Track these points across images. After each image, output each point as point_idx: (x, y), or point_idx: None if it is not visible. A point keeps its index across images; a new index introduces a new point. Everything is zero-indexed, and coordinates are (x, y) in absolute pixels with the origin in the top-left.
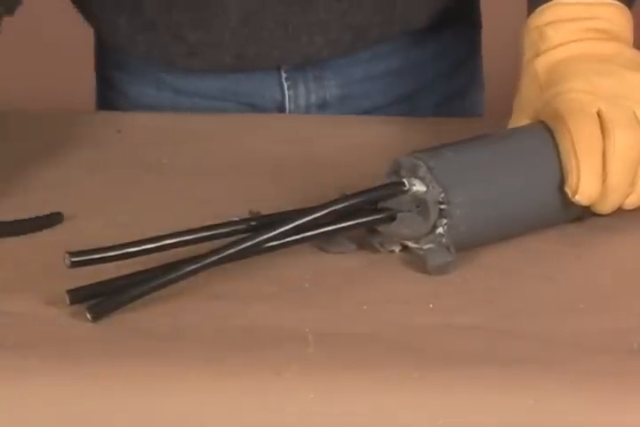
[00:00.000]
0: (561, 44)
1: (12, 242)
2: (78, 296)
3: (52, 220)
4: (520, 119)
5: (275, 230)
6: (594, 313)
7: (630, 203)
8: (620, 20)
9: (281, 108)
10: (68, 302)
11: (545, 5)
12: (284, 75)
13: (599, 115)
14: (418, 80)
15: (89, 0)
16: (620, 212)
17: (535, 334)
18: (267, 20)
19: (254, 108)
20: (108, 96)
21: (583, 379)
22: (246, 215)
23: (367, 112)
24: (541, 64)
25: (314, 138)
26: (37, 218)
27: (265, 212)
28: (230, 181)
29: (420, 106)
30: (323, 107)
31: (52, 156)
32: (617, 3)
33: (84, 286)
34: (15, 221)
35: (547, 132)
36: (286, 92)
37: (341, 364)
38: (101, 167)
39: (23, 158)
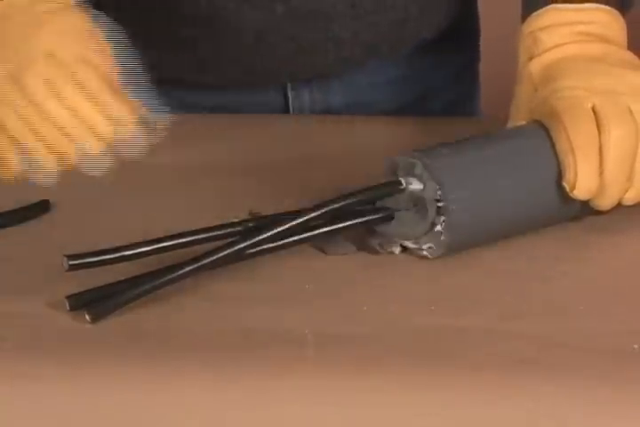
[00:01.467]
0: (554, 47)
1: (11, 242)
2: (78, 302)
3: (40, 208)
4: (517, 121)
5: (271, 231)
6: (594, 314)
7: (629, 198)
8: (612, 24)
9: None
10: (67, 307)
11: (538, 11)
12: (289, 85)
13: (594, 111)
14: (421, 87)
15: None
16: (619, 213)
17: (535, 334)
18: (281, 37)
19: None
20: None
21: (583, 380)
22: (246, 216)
23: None
24: (535, 66)
25: (313, 138)
26: (25, 207)
27: (264, 212)
28: (230, 181)
29: (427, 112)
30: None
31: None
32: (609, 8)
33: (83, 292)
34: (3, 212)
35: (543, 130)
36: (290, 102)
37: (341, 365)
38: None
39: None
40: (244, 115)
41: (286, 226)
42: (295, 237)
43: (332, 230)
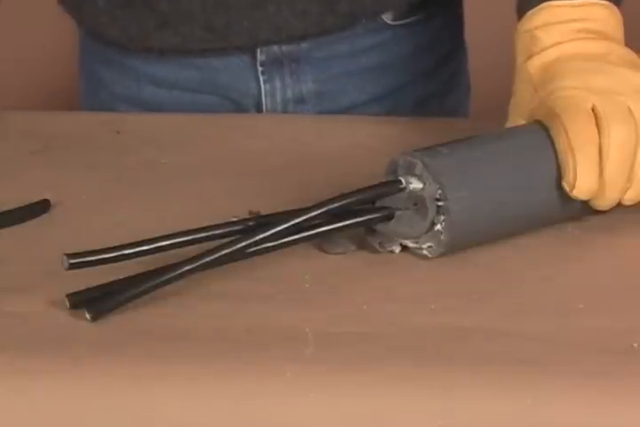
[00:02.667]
0: (553, 45)
1: (11, 242)
2: (78, 300)
3: (41, 208)
4: (516, 121)
5: (271, 230)
6: (593, 313)
7: (629, 198)
8: (609, 19)
9: (258, 103)
10: (68, 306)
11: (535, 9)
12: (260, 68)
13: (594, 111)
14: (398, 78)
15: None
16: (619, 212)
17: (535, 334)
18: None
19: (232, 102)
20: (91, 90)
21: (582, 379)
22: (245, 215)
23: (346, 109)
24: (534, 65)
25: (312, 137)
26: (25, 207)
27: (264, 211)
28: (229, 181)
29: (400, 104)
30: (300, 102)
31: (52, 156)
32: (606, 3)
33: (83, 290)
34: (3, 212)
35: (543, 130)
36: (262, 87)
37: (341, 364)
38: (101, 167)
39: (23, 158)
40: (243, 115)
41: (286, 225)
42: (295, 236)
43: (331, 229)
